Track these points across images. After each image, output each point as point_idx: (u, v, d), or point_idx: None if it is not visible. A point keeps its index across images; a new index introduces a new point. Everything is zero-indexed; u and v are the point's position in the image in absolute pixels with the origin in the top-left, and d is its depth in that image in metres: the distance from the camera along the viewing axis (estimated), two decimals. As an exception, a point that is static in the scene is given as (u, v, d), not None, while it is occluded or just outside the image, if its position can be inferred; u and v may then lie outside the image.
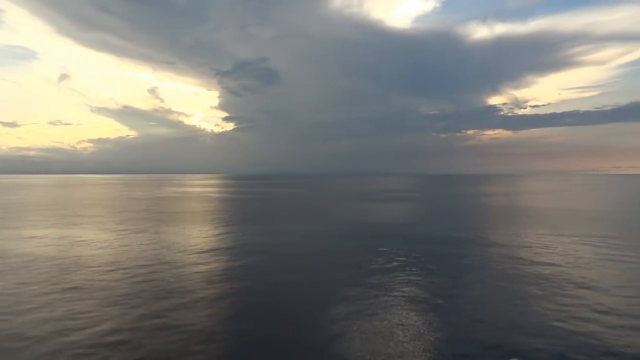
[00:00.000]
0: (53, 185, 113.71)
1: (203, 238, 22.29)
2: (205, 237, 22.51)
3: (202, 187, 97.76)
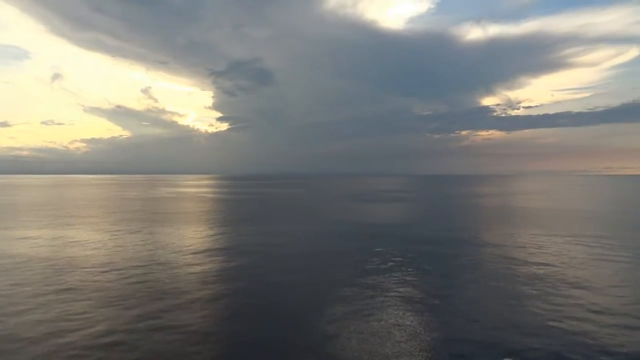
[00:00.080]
0: (46, 185, 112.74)
1: (198, 239, 22.21)
2: (200, 238, 22.44)
3: (196, 188, 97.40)
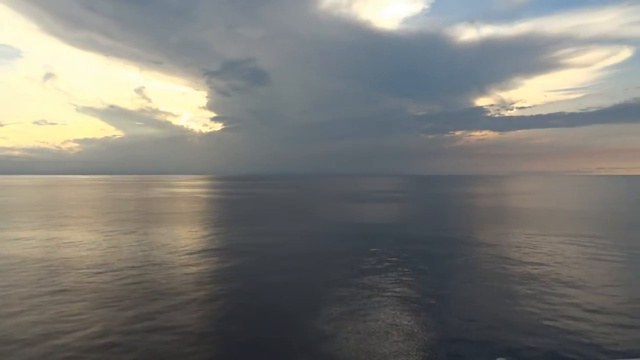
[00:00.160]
0: (38, 185, 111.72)
1: (193, 239, 22.12)
2: (194, 238, 22.34)
3: (191, 188, 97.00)
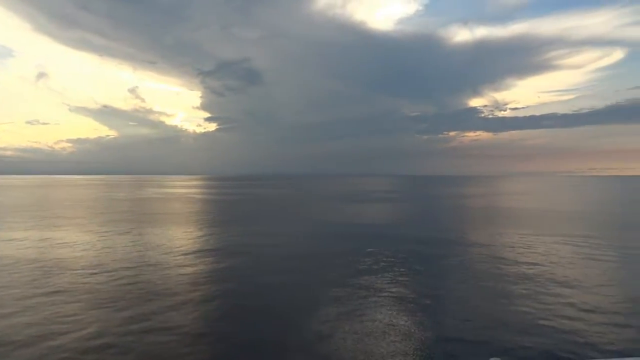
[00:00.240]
0: (31, 186, 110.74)
1: (188, 240, 22.03)
2: (190, 239, 22.26)
3: (185, 189, 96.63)
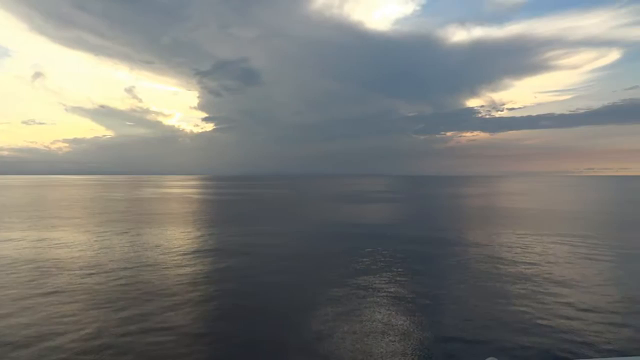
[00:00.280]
0: (27, 186, 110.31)
1: (186, 240, 21.99)
2: (188, 239, 22.22)
3: (182, 189, 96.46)
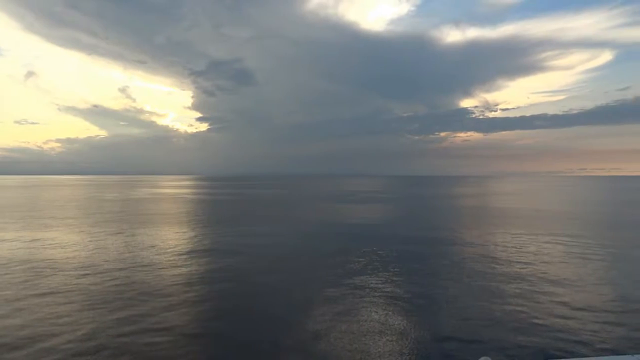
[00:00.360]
0: (20, 186, 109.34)
1: (180, 240, 21.90)
2: (182, 239, 22.13)
3: (176, 189, 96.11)
